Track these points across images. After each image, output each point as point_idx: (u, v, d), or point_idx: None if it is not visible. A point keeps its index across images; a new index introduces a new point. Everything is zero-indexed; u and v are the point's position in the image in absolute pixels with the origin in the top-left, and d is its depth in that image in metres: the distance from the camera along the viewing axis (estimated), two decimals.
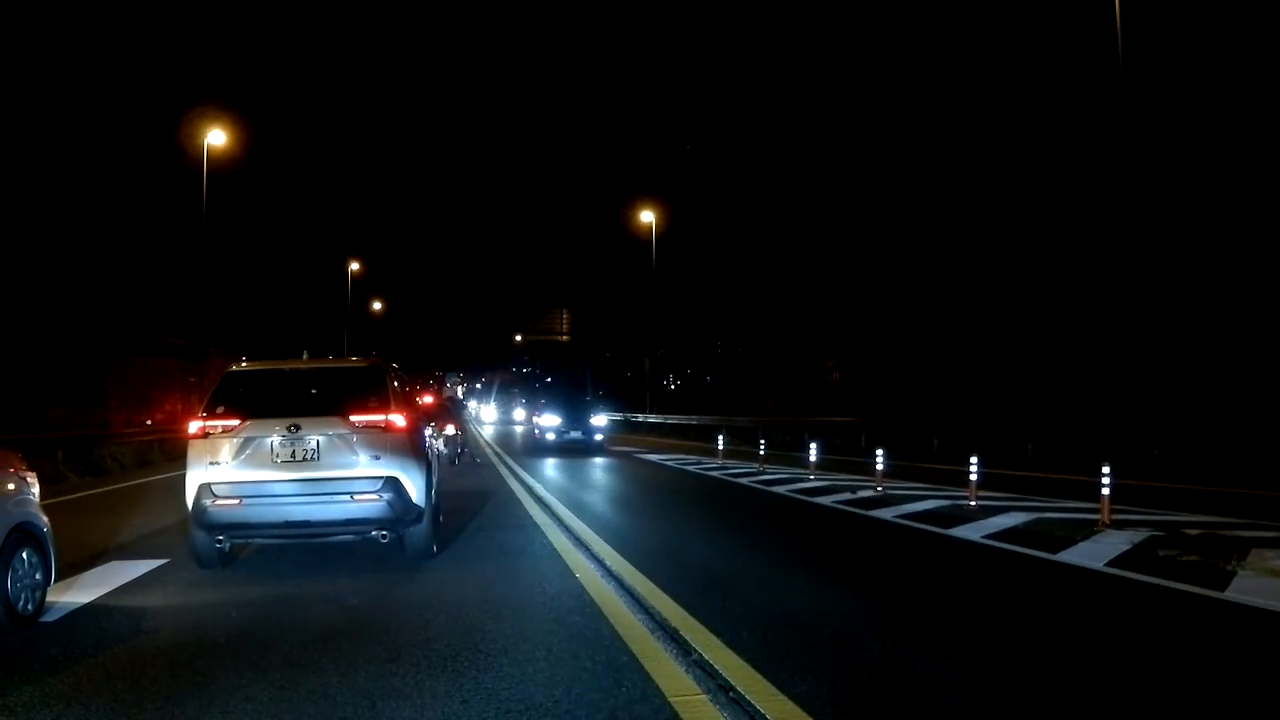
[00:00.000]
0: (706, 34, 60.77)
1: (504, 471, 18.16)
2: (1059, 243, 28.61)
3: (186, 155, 32.12)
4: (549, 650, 4.99)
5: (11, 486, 5.93)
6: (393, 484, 7.27)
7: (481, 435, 38.35)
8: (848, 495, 12.78)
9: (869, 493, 12.96)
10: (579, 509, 11.49)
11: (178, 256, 34.99)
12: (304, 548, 8.72)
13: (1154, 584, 6.57)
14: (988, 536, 8.83)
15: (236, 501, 7.13)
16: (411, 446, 7.61)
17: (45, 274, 28.61)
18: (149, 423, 23.67)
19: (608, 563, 7.58)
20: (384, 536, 7.54)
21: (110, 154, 34.38)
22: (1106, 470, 9.29)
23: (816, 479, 15.10)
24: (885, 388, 36.09)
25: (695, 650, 4.92)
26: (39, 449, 14.65)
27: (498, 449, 27.27)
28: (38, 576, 5.98)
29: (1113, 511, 9.27)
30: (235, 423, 7.22)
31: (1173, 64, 22.77)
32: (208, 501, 7.12)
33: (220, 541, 7.40)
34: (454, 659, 4.85)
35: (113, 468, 18.84)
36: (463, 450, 21.15)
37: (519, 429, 46.67)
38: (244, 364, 8.08)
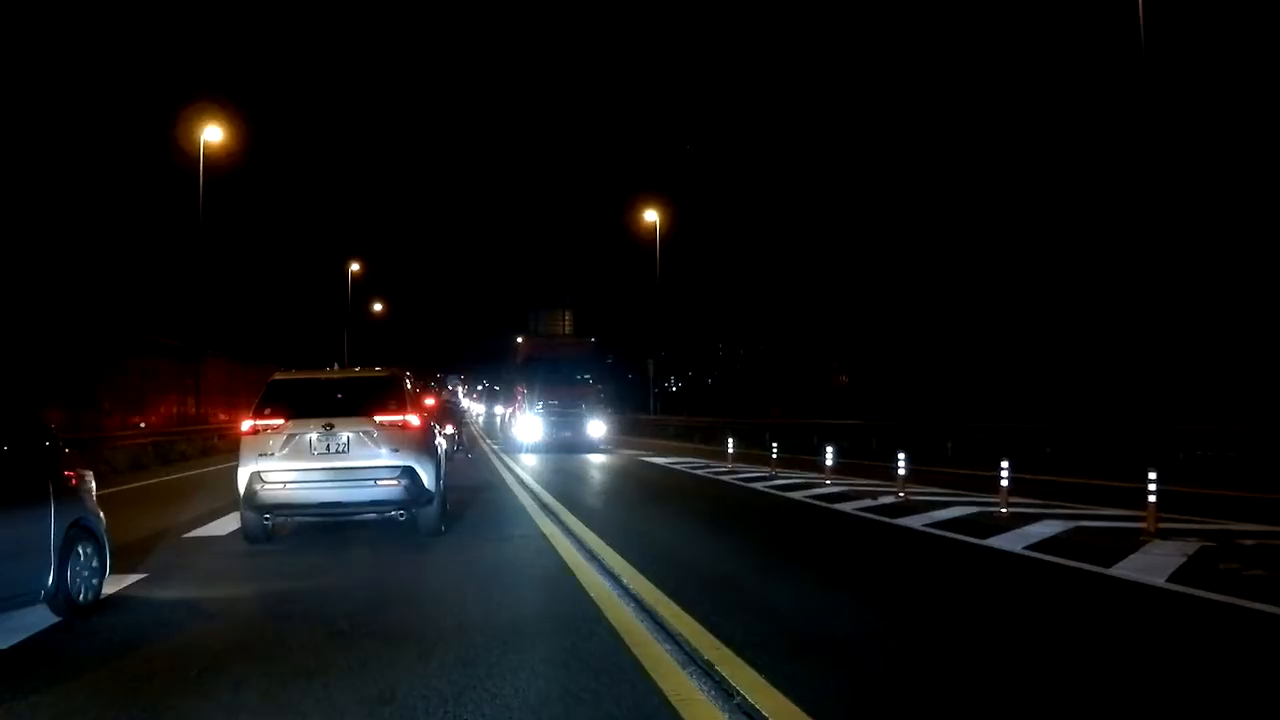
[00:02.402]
0: (706, 34, 60.34)
1: None
2: (1070, 241, 28.06)
3: (184, 154, 31.58)
4: (564, 688, 4.39)
5: (71, 484, 6.16)
6: (409, 472, 8.64)
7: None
8: (869, 501, 12.19)
9: (890, 499, 12.37)
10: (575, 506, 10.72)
11: (174, 256, 34.44)
12: (295, 559, 8.33)
13: (1227, 603, 5.98)
14: (1029, 548, 8.23)
15: (282, 486, 8.55)
16: (424, 441, 9.02)
17: (38, 273, 28.05)
18: (142, 425, 23.04)
19: (624, 579, 6.99)
20: (401, 515, 8.99)
21: (106, 152, 33.87)
22: (1153, 476, 8.72)
23: (833, 484, 14.49)
24: (893, 391, 35.51)
25: (719, 673, 4.32)
26: None
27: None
28: (95, 566, 6.26)
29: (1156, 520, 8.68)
30: (280, 422, 8.67)
31: (1195, 59, 22.24)
32: (258, 487, 8.53)
33: (267, 519, 8.85)
34: (456, 700, 4.25)
35: (105, 472, 18.21)
36: (459, 447, 22.68)
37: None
38: (280, 374, 9.52)
